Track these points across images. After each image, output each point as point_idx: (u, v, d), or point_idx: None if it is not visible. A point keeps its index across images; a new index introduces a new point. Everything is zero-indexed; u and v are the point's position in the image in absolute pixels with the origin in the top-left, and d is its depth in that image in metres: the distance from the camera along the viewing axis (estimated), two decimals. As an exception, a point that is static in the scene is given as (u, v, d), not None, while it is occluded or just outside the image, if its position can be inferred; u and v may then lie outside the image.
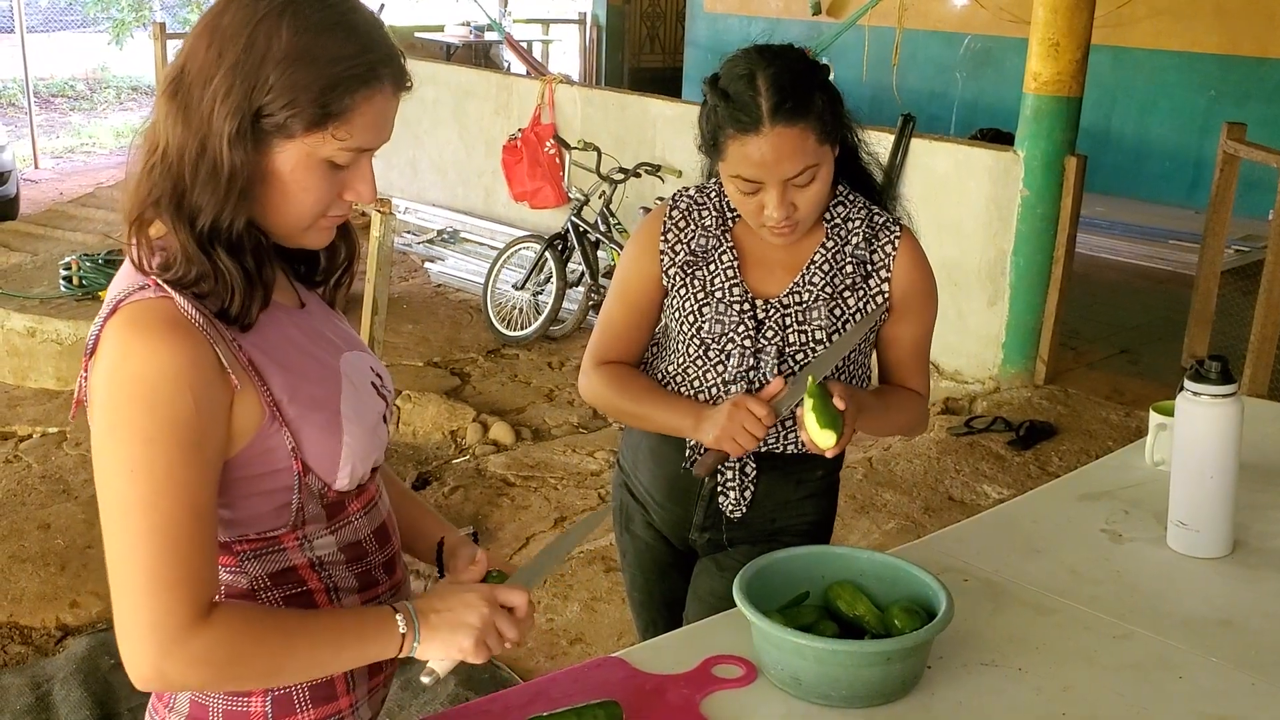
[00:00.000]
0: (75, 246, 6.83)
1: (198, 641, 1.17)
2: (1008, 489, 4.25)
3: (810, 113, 1.72)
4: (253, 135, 1.18)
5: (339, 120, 1.20)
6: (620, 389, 1.95)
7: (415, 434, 4.90)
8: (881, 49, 8.59)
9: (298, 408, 1.25)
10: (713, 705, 1.52)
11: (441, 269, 7.23)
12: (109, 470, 1.17)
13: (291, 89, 1.17)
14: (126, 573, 1.16)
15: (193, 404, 1.16)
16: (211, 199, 1.19)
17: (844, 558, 1.70)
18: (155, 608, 1.15)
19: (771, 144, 1.70)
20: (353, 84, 1.20)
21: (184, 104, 1.19)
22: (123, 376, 1.16)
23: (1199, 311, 5.45)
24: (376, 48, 1.22)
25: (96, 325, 1.20)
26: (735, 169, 1.75)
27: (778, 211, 1.76)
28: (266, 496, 1.26)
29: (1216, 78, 8.44)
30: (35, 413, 5.01)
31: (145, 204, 1.21)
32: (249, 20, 1.17)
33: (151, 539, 1.15)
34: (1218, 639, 1.71)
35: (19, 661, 3.25)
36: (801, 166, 1.73)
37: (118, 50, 14.91)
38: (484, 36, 12.26)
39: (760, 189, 1.75)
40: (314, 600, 1.33)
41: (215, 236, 1.20)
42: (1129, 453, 2.40)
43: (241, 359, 1.22)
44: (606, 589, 3.57)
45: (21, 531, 3.87)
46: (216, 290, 1.20)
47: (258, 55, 1.17)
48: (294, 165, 1.21)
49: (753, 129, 1.71)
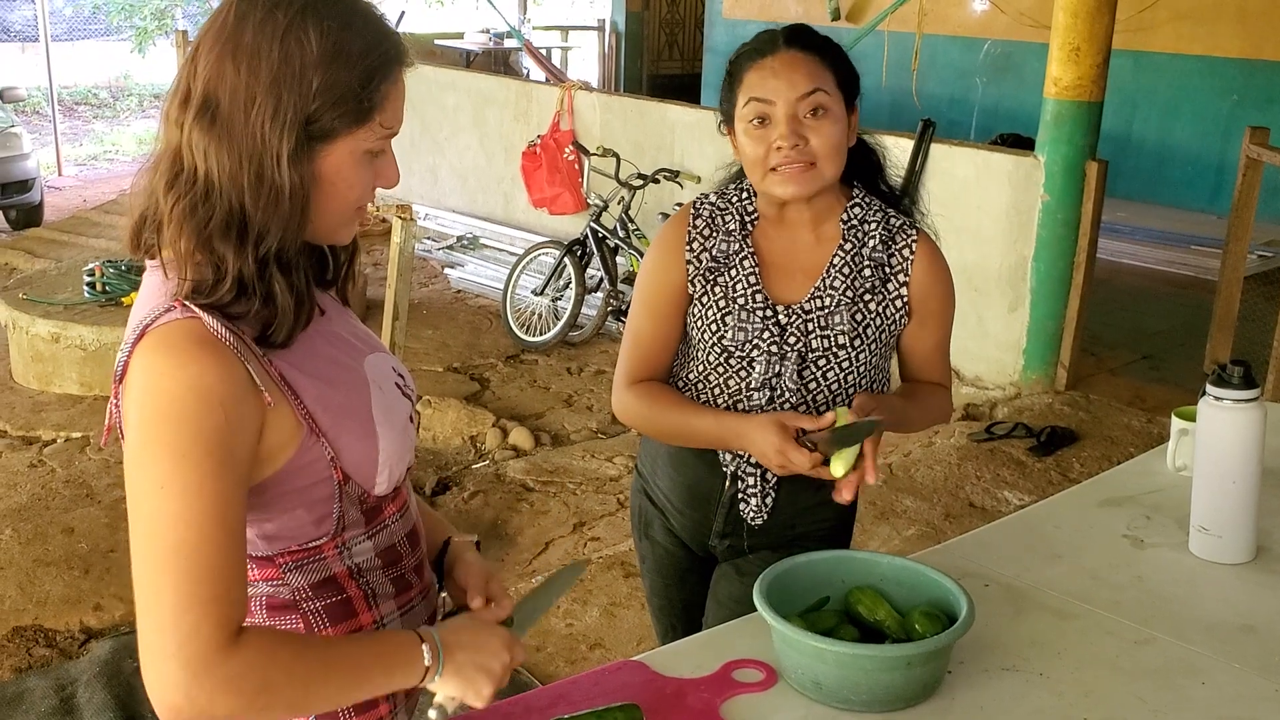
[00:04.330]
0: (99, 253, 6.87)
1: (227, 666, 1.12)
2: (1029, 495, 4.23)
3: (825, 51, 1.83)
4: (306, 146, 1.18)
5: (381, 109, 1.22)
6: (659, 408, 1.93)
7: (435, 439, 4.92)
8: (901, 54, 8.57)
9: (332, 417, 1.25)
10: (733, 709, 1.52)
11: (461, 275, 7.26)
12: (139, 487, 1.15)
13: (335, 89, 1.18)
14: (154, 591, 1.13)
15: (224, 420, 1.15)
16: (277, 221, 1.18)
17: (865, 562, 1.70)
18: (183, 627, 1.11)
19: (783, 61, 1.79)
20: (384, 71, 1.22)
21: (226, 129, 1.17)
22: (153, 394, 1.15)
23: (1221, 317, 5.41)
24: (390, 32, 1.25)
25: (124, 352, 1.19)
26: (749, 93, 1.81)
27: (786, 140, 1.77)
28: (309, 508, 1.26)
29: (1239, 82, 8.39)
30: (59, 418, 5.05)
31: (198, 237, 1.18)
32: (274, 33, 1.17)
33: (180, 555, 1.13)
34: (1240, 644, 1.70)
35: (43, 664, 3.28)
36: (812, 86, 1.78)
37: (140, 58, 15.04)
38: (503, 43, 12.31)
39: (770, 120, 1.79)
40: (353, 608, 1.33)
41: (279, 259, 1.19)
42: (1151, 458, 2.39)
43: (273, 374, 1.22)
44: (626, 594, 3.57)
45: (46, 535, 3.91)
46: (263, 313, 1.19)
47: (294, 65, 1.17)
48: (340, 164, 1.22)
49: (769, 52, 1.81)
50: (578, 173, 7.11)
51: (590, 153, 6.51)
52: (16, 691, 3.13)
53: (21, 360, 5.44)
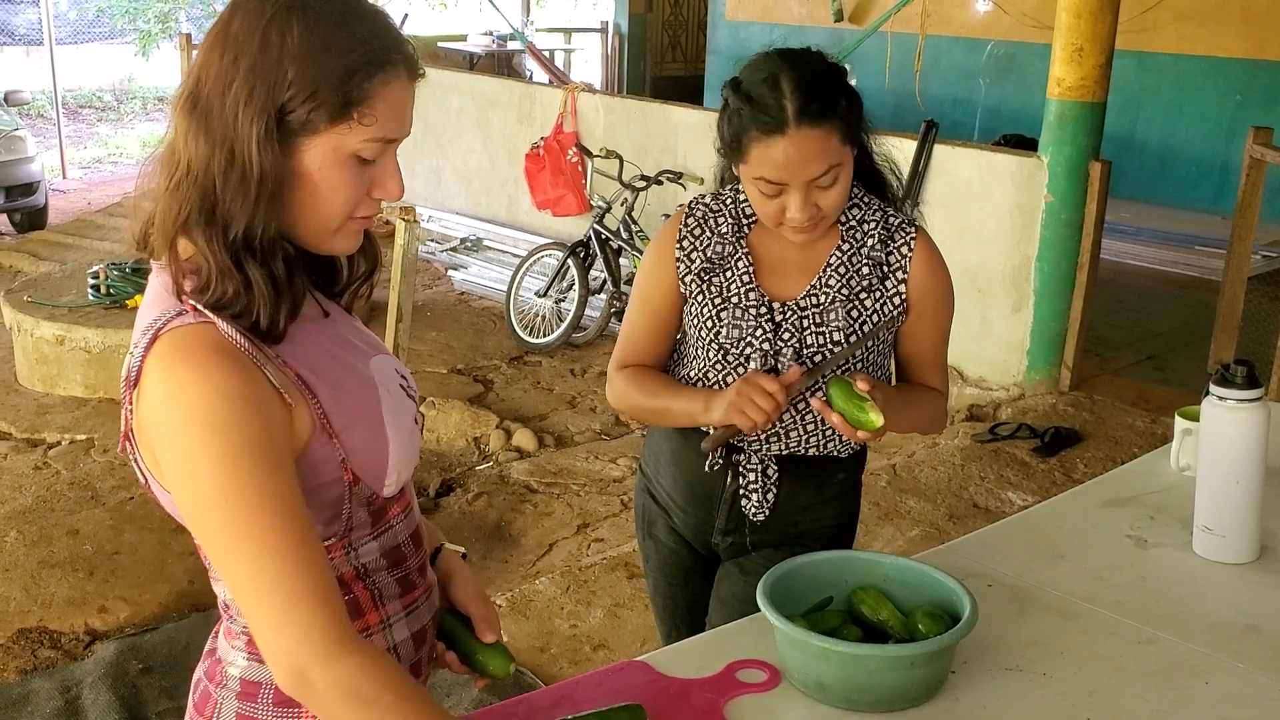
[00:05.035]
0: (103, 255, 6.89)
1: (347, 663, 1.15)
2: (1032, 496, 4.23)
3: (834, 114, 1.73)
4: (279, 135, 1.18)
5: (361, 107, 1.20)
6: (639, 387, 1.96)
7: (439, 441, 4.92)
8: (904, 55, 8.59)
9: (344, 419, 1.26)
10: (736, 709, 1.52)
11: (465, 277, 7.27)
12: (201, 508, 1.15)
13: (311, 81, 1.17)
14: (255, 599, 1.15)
15: (261, 422, 1.15)
16: (243, 206, 1.18)
17: (868, 562, 1.70)
18: (298, 624, 1.14)
19: (797, 145, 1.71)
20: (370, 69, 1.20)
21: (204, 115, 1.18)
22: (183, 406, 1.14)
23: (1225, 317, 5.41)
24: (386, 33, 1.23)
25: (136, 356, 1.18)
26: (758, 171, 1.75)
27: (801, 213, 1.76)
28: (318, 509, 1.26)
29: (1243, 82, 8.38)
30: (64, 420, 5.05)
31: (176, 224, 1.20)
32: (258, 22, 1.17)
33: (268, 561, 1.14)
34: (1244, 644, 1.70)
35: (49, 666, 3.29)
36: (825, 167, 1.73)
37: (144, 61, 15.09)
38: (507, 46, 12.32)
39: (783, 191, 1.76)
40: (360, 608, 1.33)
41: (248, 246, 1.19)
42: (1154, 458, 2.38)
43: (290, 374, 1.22)
44: (629, 595, 3.57)
45: (50, 537, 3.91)
46: (245, 304, 1.19)
47: (273, 54, 1.17)
48: (322, 162, 1.21)
49: (777, 130, 1.71)
50: (581, 174, 7.12)
51: (593, 154, 6.51)
52: (22, 693, 3.14)
53: (26, 363, 5.45)
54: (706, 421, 1.87)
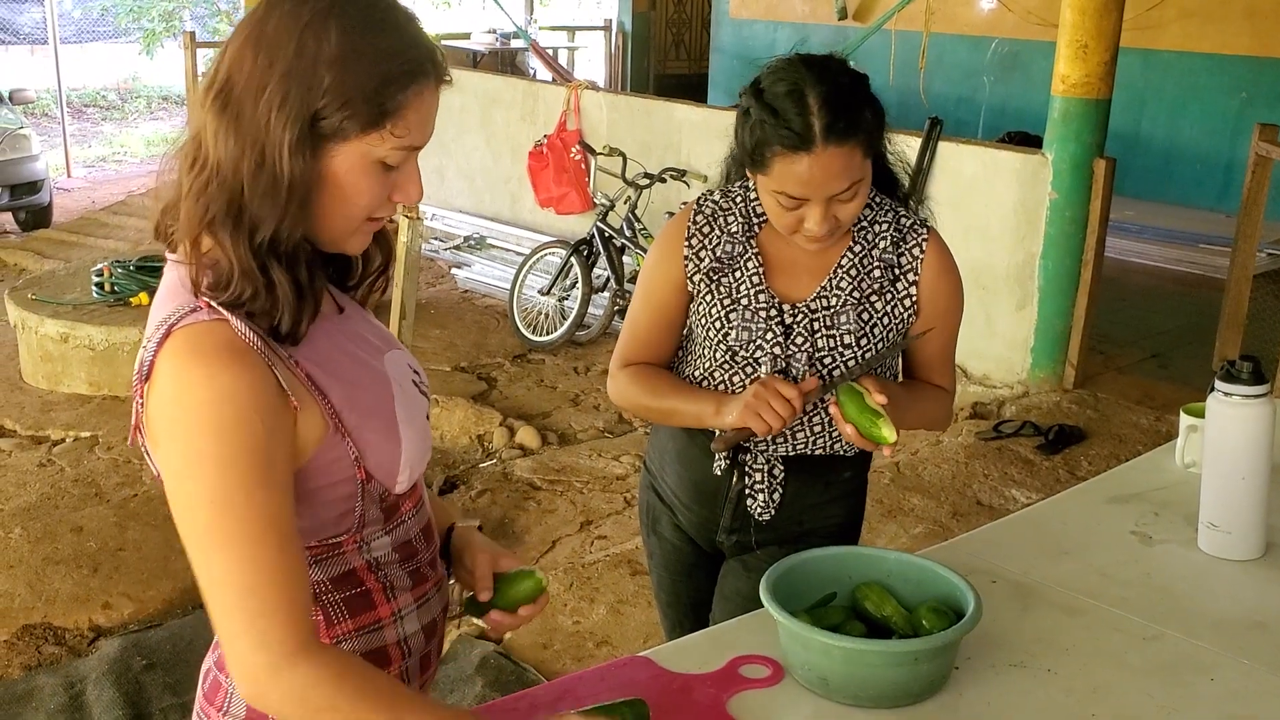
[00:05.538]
0: (107, 253, 6.90)
1: (298, 672, 1.15)
2: (1036, 493, 4.22)
3: (860, 130, 1.70)
4: (311, 141, 1.17)
5: (394, 118, 1.19)
6: (644, 386, 1.94)
7: (443, 438, 4.92)
8: (908, 53, 8.57)
9: (357, 416, 1.26)
10: (739, 705, 1.51)
11: (468, 275, 7.27)
12: (190, 504, 1.16)
13: (346, 90, 1.16)
14: (221, 603, 1.16)
15: (262, 428, 1.15)
16: (272, 211, 1.17)
17: (871, 558, 1.70)
18: (253, 635, 1.15)
19: (822, 164, 1.68)
20: (405, 80, 1.19)
21: (235, 116, 1.17)
22: (188, 406, 1.14)
23: (1230, 316, 5.40)
24: (421, 43, 1.22)
25: (149, 350, 1.18)
26: (780, 186, 1.73)
27: (820, 227, 1.75)
28: (330, 505, 1.26)
29: (1248, 80, 8.36)
30: (68, 417, 5.06)
31: (202, 222, 1.18)
32: (295, 26, 1.16)
33: (244, 569, 1.14)
34: (1249, 641, 1.69)
35: (52, 662, 3.29)
36: (848, 184, 1.72)
37: (148, 60, 15.08)
38: (510, 44, 12.33)
39: (803, 204, 1.74)
40: (372, 600, 1.33)
41: (274, 250, 1.18)
42: (1159, 455, 2.38)
43: (300, 375, 1.22)
44: (633, 591, 3.57)
45: (55, 534, 3.92)
46: (266, 307, 1.19)
47: (309, 59, 1.16)
48: (349, 168, 1.20)
49: (803, 149, 1.68)
50: (584, 172, 7.11)
51: (597, 152, 6.51)
52: (26, 689, 3.14)
53: (31, 360, 5.46)
54: (717, 425, 1.86)
